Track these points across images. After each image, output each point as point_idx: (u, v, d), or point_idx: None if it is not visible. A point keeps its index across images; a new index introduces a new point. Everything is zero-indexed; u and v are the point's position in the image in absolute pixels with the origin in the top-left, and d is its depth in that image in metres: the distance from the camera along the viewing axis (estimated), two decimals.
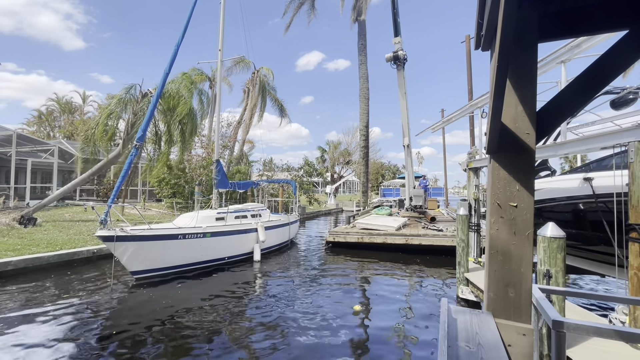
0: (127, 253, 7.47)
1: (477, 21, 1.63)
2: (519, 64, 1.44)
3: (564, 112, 1.49)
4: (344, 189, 51.42)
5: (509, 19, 1.12)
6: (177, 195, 18.96)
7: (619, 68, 1.49)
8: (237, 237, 9.98)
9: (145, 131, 8.79)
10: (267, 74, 26.20)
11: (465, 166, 8.78)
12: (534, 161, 1.39)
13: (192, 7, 10.47)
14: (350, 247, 12.33)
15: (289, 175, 29.26)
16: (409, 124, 17.99)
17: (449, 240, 11.44)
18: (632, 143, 4.03)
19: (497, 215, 1.39)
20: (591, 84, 1.47)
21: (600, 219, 5.20)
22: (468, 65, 17.56)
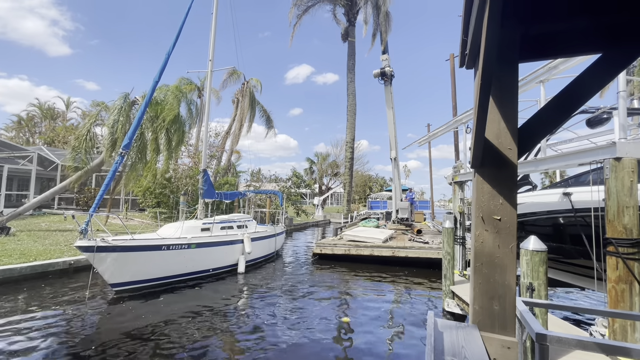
0: (108, 264, 7.21)
1: (462, 39, 1.70)
2: (501, 83, 1.50)
3: (543, 130, 1.56)
4: (331, 200, 51.45)
5: (492, 40, 1.17)
6: (162, 205, 18.56)
7: (593, 89, 1.57)
8: (223, 249, 9.80)
9: (132, 139, 8.64)
10: (256, 85, 26.34)
11: (450, 180, 8.96)
12: (516, 176, 1.44)
13: (184, 17, 10.50)
14: (337, 259, 12.27)
15: (276, 186, 29.10)
16: (396, 138, 18.31)
17: (434, 252, 11.53)
18: (607, 160, 4.22)
19: (481, 228, 1.42)
20: (568, 103, 1.54)
21: (579, 232, 5.36)
22: (452, 83, 18.13)
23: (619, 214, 4.00)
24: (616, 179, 4.11)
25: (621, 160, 4.06)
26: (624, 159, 4.05)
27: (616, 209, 4.03)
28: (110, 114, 14.61)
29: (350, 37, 23.93)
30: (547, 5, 1.55)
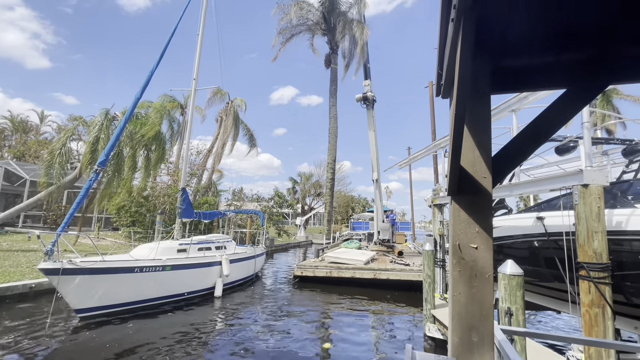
0: (74, 288, 6.75)
1: (437, 72, 1.76)
2: (474, 114, 1.55)
3: (515, 160, 1.61)
4: (314, 220, 51.13)
5: (465, 74, 1.22)
6: (137, 224, 17.81)
7: (560, 121, 1.65)
8: (200, 271, 9.42)
9: (108, 156, 8.36)
10: (240, 104, 26.46)
11: (430, 202, 9.12)
12: (491, 204, 1.46)
13: (170, 35, 10.55)
14: (318, 281, 12.03)
15: (258, 206, 28.70)
16: (378, 160, 18.65)
17: (415, 275, 11.53)
18: (576, 187, 4.42)
19: (458, 256, 1.42)
20: (537, 134, 1.61)
21: (552, 256, 5.51)
22: (431, 108, 18.86)
23: (589, 239, 4.15)
24: (584, 204, 4.30)
25: (588, 187, 4.26)
26: (590, 185, 4.25)
27: (586, 233, 4.19)
28: (90, 130, 14.20)
29: (332, 64, 25.05)
30: (516, 41, 1.65)
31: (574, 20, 1.51)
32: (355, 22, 22.48)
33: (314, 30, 25.48)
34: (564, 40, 1.59)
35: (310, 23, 25.20)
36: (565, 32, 1.56)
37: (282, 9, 23.91)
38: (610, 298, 3.95)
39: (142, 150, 15.35)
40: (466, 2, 1.04)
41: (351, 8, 23.94)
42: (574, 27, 1.54)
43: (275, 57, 25.67)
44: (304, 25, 25.33)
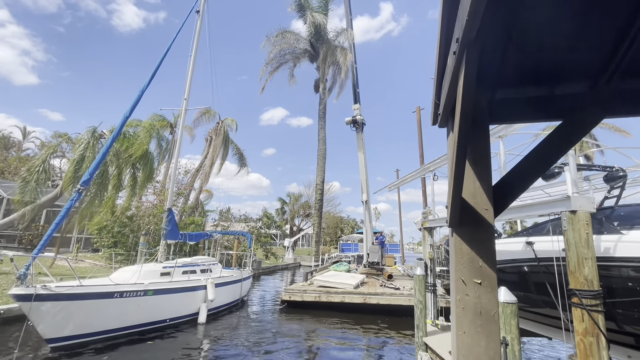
0: (47, 315, 6.30)
1: (434, 102, 1.77)
2: (474, 145, 1.55)
3: (516, 190, 1.59)
4: (302, 242, 50.39)
5: (467, 105, 1.21)
6: (119, 245, 17.14)
7: (559, 152, 1.66)
8: (183, 296, 9.00)
9: (92, 175, 8.10)
10: (230, 124, 26.50)
11: (420, 225, 9.10)
12: (494, 237, 1.42)
13: (162, 56, 10.60)
14: (307, 306, 11.66)
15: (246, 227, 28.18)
16: (367, 181, 18.73)
17: (405, 299, 11.33)
18: (564, 213, 4.48)
19: (462, 293, 1.36)
20: (537, 165, 1.61)
21: (543, 281, 5.50)
22: (419, 133, 19.29)
23: (580, 265, 4.16)
24: (573, 230, 4.34)
25: (576, 213, 4.32)
26: (578, 212, 4.31)
27: (576, 260, 4.20)
28: (75, 148, 13.85)
29: (322, 88, 25.53)
30: (511, 73, 1.68)
31: (567, 55, 1.55)
32: (339, 49, 23.45)
33: (300, 57, 26.40)
34: (558, 74, 1.62)
35: (299, 51, 26.15)
36: (559, 67, 1.60)
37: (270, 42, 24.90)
38: (603, 326, 3.91)
39: (129, 168, 15.02)
40: (469, 35, 1.04)
41: (338, 36, 24.96)
42: (566, 62, 1.58)
43: (263, 88, 26.46)
44: (292, 54, 26.26)
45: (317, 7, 24.78)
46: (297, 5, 24.42)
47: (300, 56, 26.47)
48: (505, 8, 1.28)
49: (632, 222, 4.77)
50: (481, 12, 0.93)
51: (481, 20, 1.00)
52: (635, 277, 4.34)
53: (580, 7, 1.33)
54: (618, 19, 1.39)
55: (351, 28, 19.19)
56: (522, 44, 1.50)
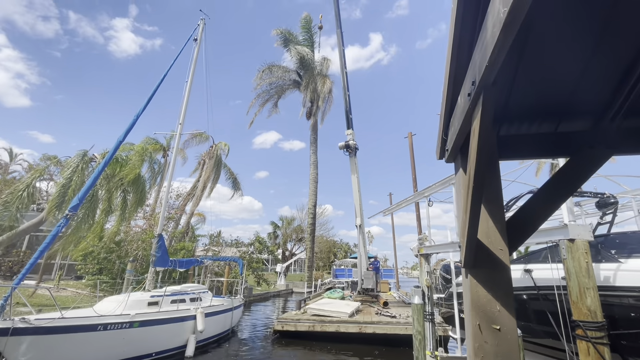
0: (24, 351, 5.88)
1: (442, 138, 1.76)
2: (486, 181, 1.52)
3: (529, 228, 1.57)
4: (295, 267, 49.33)
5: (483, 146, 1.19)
6: (104, 272, 16.47)
7: (570, 188, 1.66)
8: (171, 327, 8.57)
9: (82, 200, 7.89)
10: (223, 148, 26.53)
11: (416, 252, 9.01)
12: (510, 279, 1.37)
13: (158, 83, 10.71)
14: (300, 336, 11.20)
15: (237, 252, 27.55)
16: (361, 205, 18.68)
17: (402, 327, 10.99)
18: (563, 241, 4.47)
19: (480, 340, 1.29)
20: (549, 201, 1.59)
21: (544, 311, 5.39)
22: (411, 157, 19.57)
23: (582, 296, 4.10)
24: (573, 259, 4.31)
25: (575, 241, 4.32)
26: (577, 240, 4.31)
27: (578, 290, 4.15)
28: (62, 171, 13.58)
29: (313, 115, 26.75)
30: (517, 111, 1.69)
31: (572, 93, 1.58)
32: (319, 77, 25.02)
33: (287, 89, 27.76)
34: (563, 111, 1.65)
35: (288, 83, 27.49)
36: (564, 105, 1.62)
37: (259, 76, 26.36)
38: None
39: (120, 192, 14.73)
40: (487, 80, 1.04)
41: (322, 65, 26.51)
42: (571, 100, 1.60)
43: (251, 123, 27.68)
44: (280, 86, 27.58)
45: (302, 40, 26.26)
46: (283, 40, 25.89)
47: (289, 87, 27.84)
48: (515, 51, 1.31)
49: (629, 250, 4.79)
50: (502, 59, 0.94)
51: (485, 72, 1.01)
52: (638, 306, 4.29)
53: (585, 48, 1.36)
54: (622, 60, 1.42)
55: (344, 57, 19.86)
56: (527, 82, 1.52)
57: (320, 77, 24.85)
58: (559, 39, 1.30)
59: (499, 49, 0.88)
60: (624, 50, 1.35)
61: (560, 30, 1.28)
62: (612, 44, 1.32)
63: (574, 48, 1.35)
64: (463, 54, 1.22)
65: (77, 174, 13.11)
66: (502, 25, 0.80)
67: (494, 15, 0.86)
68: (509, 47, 1.20)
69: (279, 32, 25.73)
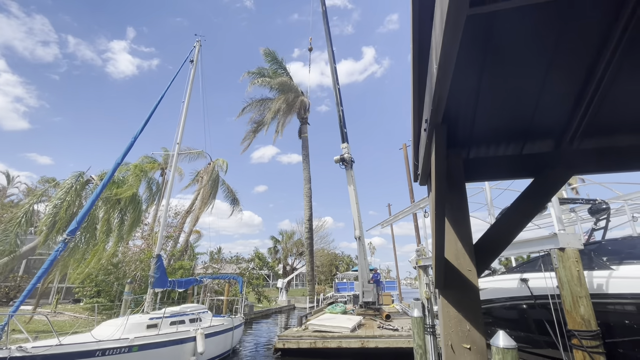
0: None
1: (414, 163, 1.86)
2: (452, 204, 1.61)
3: (496, 249, 1.64)
4: (296, 281, 48.79)
5: (440, 170, 1.29)
6: (102, 294, 16.31)
7: (535, 207, 1.74)
8: (171, 350, 8.46)
9: (80, 223, 7.92)
10: (222, 165, 26.67)
11: (415, 264, 9.01)
12: (479, 299, 1.44)
13: (156, 104, 10.90)
14: (302, 354, 11.03)
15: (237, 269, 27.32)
16: (359, 217, 18.68)
17: (405, 341, 10.85)
18: (553, 250, 4.53)
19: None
20: (514, 222, 1.67)
21: (541, 319, 5.39)
22: (407, 169, 19.71)
23: (575, 305, 4.13)
24: (564, 268, 4.36)
25: (565, 250, 4.38)
26: (567, 249, 4.37)
27: (571, 299, 4.18)
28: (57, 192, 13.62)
29: (303, 133, 28.12)
30: (482, 137, 1.80)
31: (532, 119, 1.69)
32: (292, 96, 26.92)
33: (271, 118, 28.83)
34: (525, 135, 1.75)
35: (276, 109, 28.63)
36: (525, 129, 1.73)
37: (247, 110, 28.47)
38: None
39: (117, 213, 14.74)
40: (436, 119, 1.14)
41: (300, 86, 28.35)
42: (532, 125, 1.71)
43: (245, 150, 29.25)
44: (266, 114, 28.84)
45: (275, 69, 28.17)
46: (260, 76, 27.67)
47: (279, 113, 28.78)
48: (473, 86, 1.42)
49: (621, 257, 4.83)
50: (444, 101, 1.04)
51: (446, 104, 1.11)
52: (632, 314, 4.31)
53: (535, 82, 1.48)
54: (572, 90, 1.53)
55: (336, 74, 20.25)
56: (488, 112, 1.63)
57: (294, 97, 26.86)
58: (509, 75, 1.41)
59: (439, 94, 0.99)
60: (571, 81, 1.46)
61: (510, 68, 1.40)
62: (559, 77, 1.43)
63: (525, 83, 1.46)
64: (422, 93, 1.33)
65: (70, 194, 13.12)
66: (436, 77, 0.90)
67: (431, 69, 0.96)
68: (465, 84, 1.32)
69: (253, 73, 27.65)
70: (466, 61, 1.15)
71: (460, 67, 0.94)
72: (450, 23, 0.76)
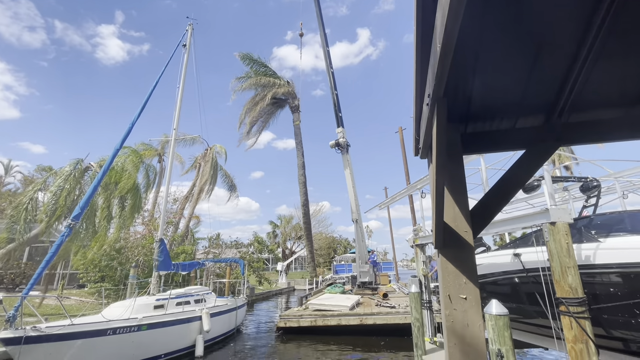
0: (37, 359, 6.08)
1: (415, 137, 2.01)
2: (451, 174, 1.78)
3: (490, 213, 1.81)
4: (295, 265, 49.64)
5: (441, 143, 1.44)
6: (106, 279, 16.62)
7: (524, 177, 1.90)
8: (178, 328, 8.79)
9: (84, 209, 8.06)
10: (219, 151, 26.66)
11: (412, 243, 9.29)
12: (474, 256, 1.62)
13: (151, 89, 10.85)
14: (303, 331, 11.48)
15: (237, 253, 27.76)
16: (356, 200, 18.96)
17: (402, 317, 11.31)
18: (545, 224, 4.75)
19: (450, 307, 1.54)
20: (506, 190, 1.84)
21: (533, 292, 5.69)
22: (403, 152, 19.85)
23: (563, 274, 4.39)
24: (554, 241, 4.60)
25: (556, 224, 4.60)
26: (557, 223, 4.59)
27: (560, 269, 4.43)
28: (55, 180, 13.67)
29: (295, 121, 28.50)
30: (478, 111, 1.94)
31: (523, 95, 1.83)
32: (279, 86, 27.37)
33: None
34: (518, 110, 1.90)
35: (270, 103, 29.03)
36: (518, 104, 1.87)
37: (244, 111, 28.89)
38: (591, 332, 4.09)
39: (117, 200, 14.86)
40: (438, 93, 1.28)
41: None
42: (524, 100, 1.85)
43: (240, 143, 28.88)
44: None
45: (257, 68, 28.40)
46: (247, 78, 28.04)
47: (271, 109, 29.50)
48: (469, 64, 1.55)
49: (608, 230, 5.08)
50: (445, 77, 1.18)
51: (447, 80, 1.25)
52: (616, 282, 4.58)
53: (527, 58, 1.61)
54: (561, 63, 1.67)
55: (329, 57, 20.05)
56: (484, 88, 1.76)
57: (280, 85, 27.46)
58: (503, 53, 1.54)
59: (441, 71, 1.12)
60: (560, 61, 1.60)
61: (503, 47, 1.52)
62: (549, 56, 1.57)
63: (518, 59, 1.60)
64: (425, 70, 1.46)
65: (69, 182, 13.19)
66: (439, 55, 1.03)
67: (435, 47, 1.09)
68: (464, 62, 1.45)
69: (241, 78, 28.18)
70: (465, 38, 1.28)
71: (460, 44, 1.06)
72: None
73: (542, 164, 1.89)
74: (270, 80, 27.71)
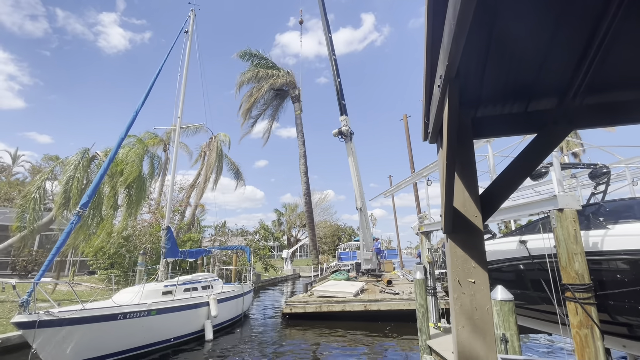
0: (51, 342, 6.28)
1: (424, 122, 1.97)
2: (461, 159, 1.75)
3: (500, 198, 1.79)
4: (300, 252, 50.16)
5: (452, 127, 1.41)
6: (116, 266, 16.97)
7: (535, 162, 1.87)
8: (187, 314, 9.00)
9: (92, 197, 8.17)
10: (224, 140, 26.64)
11: (417, 230, 9.30)
12: (483, 241, 1.61)
13: (155, 76, 10.79)
14: (309, 317, 11.68)
15: (243, 240, 28.09)
16: (361, 188, 18.94)
17: (406, 303, 11.44)
18: (552, 211, 4.71)
19: (458, 291, 1.54)
20: (516, 174, 1.81)
21: (538, 278, 5.70)
22: (407, 139, 19.68)
23: (570, 261, 4.38)
24: (562, 227, 4.57)
25: (563, 211, 4.56)
26: (565, 209, 4.55)
27: (566, 255, 4.42)
28: (65, 170, 13.83)
29: (296, 110, 28.65)
30: (489, 95, 1.89)
31: (537, 76, 1.77)
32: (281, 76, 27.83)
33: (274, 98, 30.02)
34: (530, 93, 1.84)
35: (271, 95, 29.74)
36: (530, 86, 1.82)
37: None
38: (596, 318, 4.10)
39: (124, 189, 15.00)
40: (450, 74, 1.24)
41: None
42: (537, 82, 1.80)
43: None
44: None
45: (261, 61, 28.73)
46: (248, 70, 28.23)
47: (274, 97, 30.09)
48: (483, 45, 1.50)
49: (617, 217, 5.03)
50: (459, 57, 1.14)
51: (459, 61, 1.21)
52: (623, 269, 4.57)
53: (543, 36, 1.55)
54: (578, 42, 1.61)
55: (331, 45, 19.67)
56: (497, 70, 1.71)
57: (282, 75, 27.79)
58: (519, 32, 1.49)
59: (455, 50, 1.09)
60: (577, 36, 1.54)
61: (519, 25, 1.47)
62: (565, 36, 1.51)
63: (533, 38, 1.54)
64: (436, 51, 1.42)
65: (78, 171, 13.34)
66: (453, 34, 1.00)
67: (448, 24, 1.05)
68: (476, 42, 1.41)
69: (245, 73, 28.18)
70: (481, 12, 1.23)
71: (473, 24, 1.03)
72: None
73: (554, 148, 1.86)
74: (268, 72, 27.76)
